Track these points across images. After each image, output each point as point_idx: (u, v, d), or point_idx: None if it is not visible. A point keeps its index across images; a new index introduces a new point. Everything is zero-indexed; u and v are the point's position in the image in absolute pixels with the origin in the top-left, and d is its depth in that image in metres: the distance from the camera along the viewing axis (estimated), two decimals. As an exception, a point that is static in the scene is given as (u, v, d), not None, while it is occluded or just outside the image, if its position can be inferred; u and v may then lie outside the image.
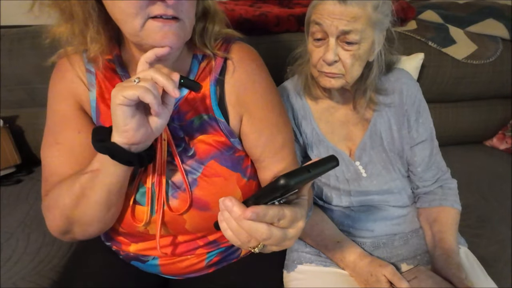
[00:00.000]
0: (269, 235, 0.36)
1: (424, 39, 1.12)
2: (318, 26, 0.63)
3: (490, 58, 1.14)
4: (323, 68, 0.66)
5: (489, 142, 1.32)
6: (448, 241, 0.70)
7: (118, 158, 0.48)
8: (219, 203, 0.37)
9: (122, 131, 0.46)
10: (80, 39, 0.52)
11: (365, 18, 0.61)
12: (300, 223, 0.39)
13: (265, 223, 0.36)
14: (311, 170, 0.33)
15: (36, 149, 1.16)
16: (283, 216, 0.36)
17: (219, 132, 0.60)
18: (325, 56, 0.64)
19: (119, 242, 0.65)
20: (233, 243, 0.39)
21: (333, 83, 0.67)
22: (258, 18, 1.04)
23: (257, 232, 0.35)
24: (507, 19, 1.16)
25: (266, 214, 0.35)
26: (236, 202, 0.36)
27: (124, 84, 0.45)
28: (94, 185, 0.51)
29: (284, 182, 0.31)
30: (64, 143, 0.57)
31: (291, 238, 0.39)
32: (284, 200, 0.38)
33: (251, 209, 0.34)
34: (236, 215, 0.35)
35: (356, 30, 0.61)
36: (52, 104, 0.60)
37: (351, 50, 0.63)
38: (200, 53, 0.61)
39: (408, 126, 0.76)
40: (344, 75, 0.66)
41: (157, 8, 0.46)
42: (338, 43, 0.64)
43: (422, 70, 1.11)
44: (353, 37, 0.62)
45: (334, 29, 0.62)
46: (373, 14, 0.62)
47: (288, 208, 0.37)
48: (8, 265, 0.77)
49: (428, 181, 0.78)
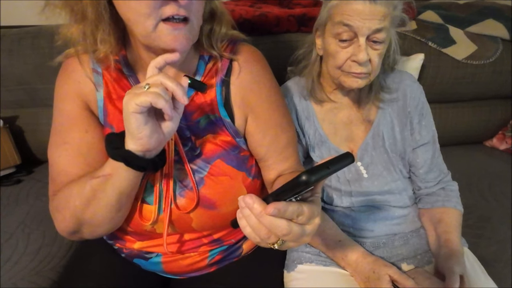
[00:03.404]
0: (289, 231, 0.36)
1: (424, 39, 1.12)
2: (346, 27, 0.63)
3: (490, 59, 1.14)
4: (352, 69, 0.66)
5: (489, 142, 1.32)
6: (454, 242, 0.70)
7: (133, 165, 0.49)
8: (238, 201, 0.38)
9: (137, 138, 0.46)
10: (90, 39, 0.52)
11: (390, 16, 0.63)
12: (316, 220, 0.40)
13: (285, 219, 0.36)
14: (330, 167, 0.34)
15: (36, 149, 1.16)
16: (301, 213, 0.37)
17: (225, 132, 0.61)
18: (357, 56, 0.64)
19: (123, 240, 0.66)
20: (252, 239, 0.39)
21: (360, 83, 0.67)
22: (258, 19, 1.05)
23: (277, 228, 0.36)
24: (507, 19, 1.16)
25: (286, 210, 0.35)
26: (256, 199, 0.36)
27: (134, 91, 0.44)
28: (106, 188, 0.51)
29: (306, 178, 0.32)
30: (71, 142, 0.57)
31: (309, 234, 0.39)
32: (299, 198, 0.39)
33: (273, 205, 0.34)
34: (257, 212, 0.36)
35: (386, 28, 0.63)
36: (58, 104, 0.60)
37: (378, 49, 0.65)
38: (206, 54, 0.62)
39: (411, 128, 0.77)
40: (370, 74, 0.67)
41: (169, 9, 0.46)
42: (367, 43, 0.64)
43: (422, 70, 1.11)
44: (382, 36, 0.63)
45: (366, 29, 0.62)
46: (394, 12, 0.64)
47: (306, 205, 0.38)
48: (8, 265, 0.77)
49: (431, 182, 0.78)
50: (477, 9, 1.21)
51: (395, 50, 0.73)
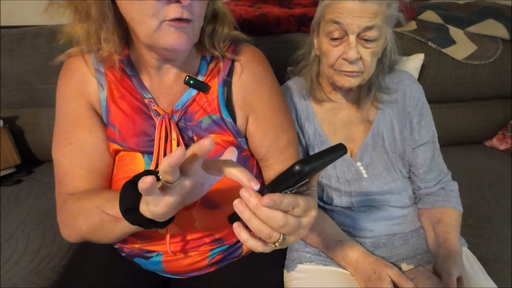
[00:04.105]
0: (285, 223, 0.36)
1: (424, 39, 1.12)
2: (337, 24, 0.63)
3: (490, 59, 1.14)
4: (343, 67, 0.66)
5: (489, 142, 1.32)
6: (453, 242, 0.70)
7: (145, 227, 0.46)
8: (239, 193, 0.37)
9: (154, 216, 0.42)
10: (94, 38, 0.53)
11: (382, 14, 0.62)
12: (312, 212, 0.40)
13: (280, 211, 0.36)
14: (323, 157, 0.34)
15: (36, 149, 1.16)
16: (297, 204, 0.37)
17: (227, 132, 0.62)
18: (347, 54, 0.64)
19: (124, 240, 0.66)
20: (255, 245, 0.39)
21: (353, 82, 0.68)
22: (258, 19, 1.05)
23: (273, 219, 0.36)
24: (507, 20, 1.16)
25: (282, 202, 0.35)
26: (253, 193, 0.36)
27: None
28: (114, 228, 0.51)
29: (299, 168, 0.32)
30: (75, 143, 0.58)
31: (305, 227, 0.39)
32: (295, 191, 0.39)
33: (268, 196, 0.34)
34: (253, 204, 0.36)
35: (377, 26, 0.62)
36: (61, 104, 0.60)
37: (370, 47, 0.65)
38: (208, 55, 0.62)
39: (411, 128, 0.77)
40: (362, 72, 0.67)
41: (173, 11, 0.46)
42: (358, 41, 0.64)
43: (422, 70, 1.11)
44: (373, 34, 0.63)
45: (356, 27, 0.62)
46: (387, 10, 0.63)
47: (301, 197, 0.38)
48: (8, 266, 0.77)
49: (430, 182, 0.78)
50: (477, 9, 1.21)
51: (392, 50, 0.72)
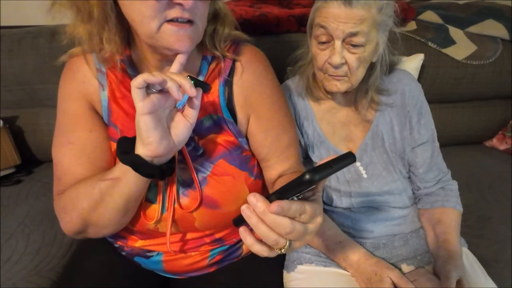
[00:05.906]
0: (292, 229, 0.36)
1: (424, 39, 1.12)
2: (323, 29, 0.63)
3: (490, 59, 1.14)
4: (329, 71, 0.66)
5: (489, 142, 1.32)
6: (453, 242, 0.70)
7: (140, 170, 0.49)
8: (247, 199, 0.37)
9: (146, 143, 0.47)
10: (96, 39, 0.53)
11: (370, 20, 0.61)
12: (318, 218, 0.40)
13: (287, 218, 0.36)
14: (333, 166, 0.34)
15: (36, 149, 1.16)
16: (304, 211, 0.37)
17: (228, 131, 0.62)
18: (331, 59, 0.64)
19: (125, 238, 0.66)
20: (260, 250, 0.40)
21: (339, 87, 0.67)
22: (258, 19, 1.05)
23: (280, 226, 0.36)
24: (507, 20, 1.16)
25: (290, 209, 0.35)
26: (260, 198, 0.36)
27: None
28: (114, 192, 0.52)
29: (310, 177, 0.32)
30: (76, 142, 0.58)
31: (311, 233, 0.39)
32: (301, 197, 0.39)
33: (277, 203, 0.35)
34: (260, 210, 0.36)
35: (362, 32, 0.61)
36: (63, 104, 0.60)
37: (356, 53, 0.64)
38: (209, 55, 0.62)
39: (410, 127, 0.76)
40: (349, 77, 0.66)
41: (174, 11, 0.46)
42: (344, 46, 0.64)
43: (422, 70, 1.11)
44: (359, 40, 0.62)
45: (340, 32, 0.62)
46: (378, 15, 0.62)
47: (308, 204, 0.38)
48: (8, 265, 0.77)
49: (430, 182, 0.78)
50: (477, 9, 1.20)
51: (386, 54, 0.71)
